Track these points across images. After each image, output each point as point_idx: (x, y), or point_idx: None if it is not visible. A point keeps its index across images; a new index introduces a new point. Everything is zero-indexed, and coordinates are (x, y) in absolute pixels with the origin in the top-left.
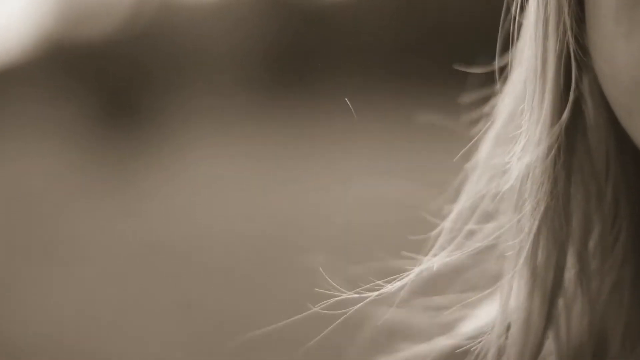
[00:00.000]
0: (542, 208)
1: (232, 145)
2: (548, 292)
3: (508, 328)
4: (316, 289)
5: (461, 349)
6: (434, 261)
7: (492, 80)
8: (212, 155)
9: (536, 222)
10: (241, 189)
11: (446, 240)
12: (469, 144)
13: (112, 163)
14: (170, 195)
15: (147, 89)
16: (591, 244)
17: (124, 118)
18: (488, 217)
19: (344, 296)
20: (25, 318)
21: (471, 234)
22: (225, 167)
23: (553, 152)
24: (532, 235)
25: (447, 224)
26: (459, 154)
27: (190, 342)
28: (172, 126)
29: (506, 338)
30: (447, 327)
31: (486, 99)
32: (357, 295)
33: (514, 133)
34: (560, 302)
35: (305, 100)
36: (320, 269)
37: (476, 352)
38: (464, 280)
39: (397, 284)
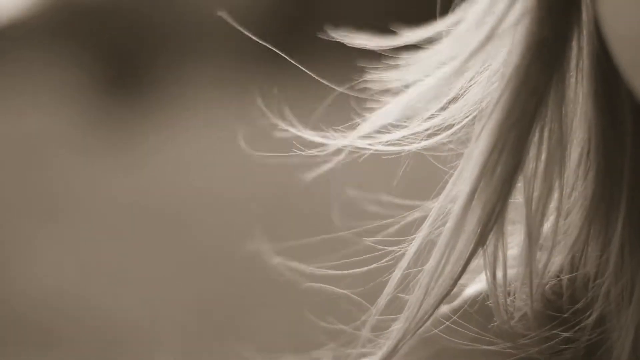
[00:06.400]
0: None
1: (232, 112)
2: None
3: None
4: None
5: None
6: None
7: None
8: (210, 119)
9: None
10: (237, 154)
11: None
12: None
13: (113, 124)
14: (169, 157)
15: (148, 55)
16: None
17: (125, 81)
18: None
19: None
20: (23, 272)
21: None
22: (222, 131)
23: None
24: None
25: None
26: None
27: (187, 296)
28: (172, 92)
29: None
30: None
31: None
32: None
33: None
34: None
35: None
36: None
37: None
38: None
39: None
